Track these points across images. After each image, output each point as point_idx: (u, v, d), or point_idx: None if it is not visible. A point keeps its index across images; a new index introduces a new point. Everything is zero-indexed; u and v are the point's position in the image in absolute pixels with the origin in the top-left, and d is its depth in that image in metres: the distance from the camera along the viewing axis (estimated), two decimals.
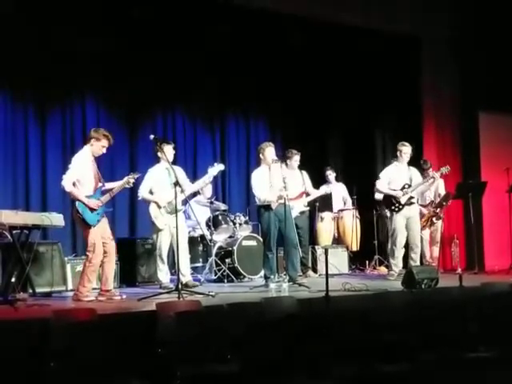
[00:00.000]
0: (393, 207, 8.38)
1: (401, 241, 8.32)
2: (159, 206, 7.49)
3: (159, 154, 7.56)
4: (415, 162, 9.00)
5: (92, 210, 6.42)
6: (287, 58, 10.28)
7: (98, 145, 6.55)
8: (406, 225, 8.34)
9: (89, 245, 6.44)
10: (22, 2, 8.17)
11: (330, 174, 10.24)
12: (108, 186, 6.73)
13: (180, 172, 7.54)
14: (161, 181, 7.56)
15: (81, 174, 6.47)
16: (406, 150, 8.44)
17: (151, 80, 9.50)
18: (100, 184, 6.62)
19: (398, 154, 8.50)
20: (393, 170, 8.57)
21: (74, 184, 6.43)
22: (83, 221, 6.41)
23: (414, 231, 8.36)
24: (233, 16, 9.33)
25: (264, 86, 10.49)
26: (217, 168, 7.61)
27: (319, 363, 4.43)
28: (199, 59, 9.80)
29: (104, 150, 6.64)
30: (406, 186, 8.34)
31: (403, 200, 8.32)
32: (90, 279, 6.49)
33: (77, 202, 6.40)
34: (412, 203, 8.38)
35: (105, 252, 6.54)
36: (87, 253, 6.48)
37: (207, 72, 9.96)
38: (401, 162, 8.49)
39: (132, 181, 6.78)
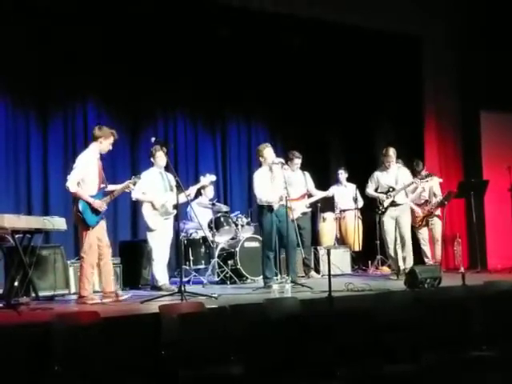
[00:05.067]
0: (377, 209, 8.52)
1: (391, 241, 8.38)
2: (154, 207, 7.51)
3: (152, 159, 7.65)
4: (410, 163, 9.06)
5: (94, 210, 6.43)
6: (287, 59, 10.28)
7: (107, 143, 6.64)
8: (394, 225, 8.38)
9: (84, 245, 6.45)
10: (21, 3, 8.18)
11: (342, 174, 10.21)
12: (110, 187, 6.77)
13: (172, 179, 7.55)
14: (155, 184, 7.60)
15: (86, 174, 6.50)
16: (385, 152, 8.44)
17: (152, 83, 9.51)
18: (103, 185, 6.64)
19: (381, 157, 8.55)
20: (378, 174, 8.60)
21: (78, 183, 6.46)
22: (83, 221, 6.43)
23: (400, 229, 8.38)
24: (232, 17, 9.33)
25: (265, 87, 10.49)
26: (209, 178, 7.85)
27: (322, 364, 4.42)
28: (199, 61, 9.81)
29: (111, 147, 6.74)
30: (391, 190, 8.38)
31: (386, 203, 8.38)
32: (88, 280, 6.51)
33: (80, 201, 6.42)
34: (398, 204, 8.39)
35: (100, 254, 6.55)
36: (82, 254, 6.47)
37: (208, 74, 9.97)
38: (386, 164, 8.48)
39: (132, 186, 6.84)
